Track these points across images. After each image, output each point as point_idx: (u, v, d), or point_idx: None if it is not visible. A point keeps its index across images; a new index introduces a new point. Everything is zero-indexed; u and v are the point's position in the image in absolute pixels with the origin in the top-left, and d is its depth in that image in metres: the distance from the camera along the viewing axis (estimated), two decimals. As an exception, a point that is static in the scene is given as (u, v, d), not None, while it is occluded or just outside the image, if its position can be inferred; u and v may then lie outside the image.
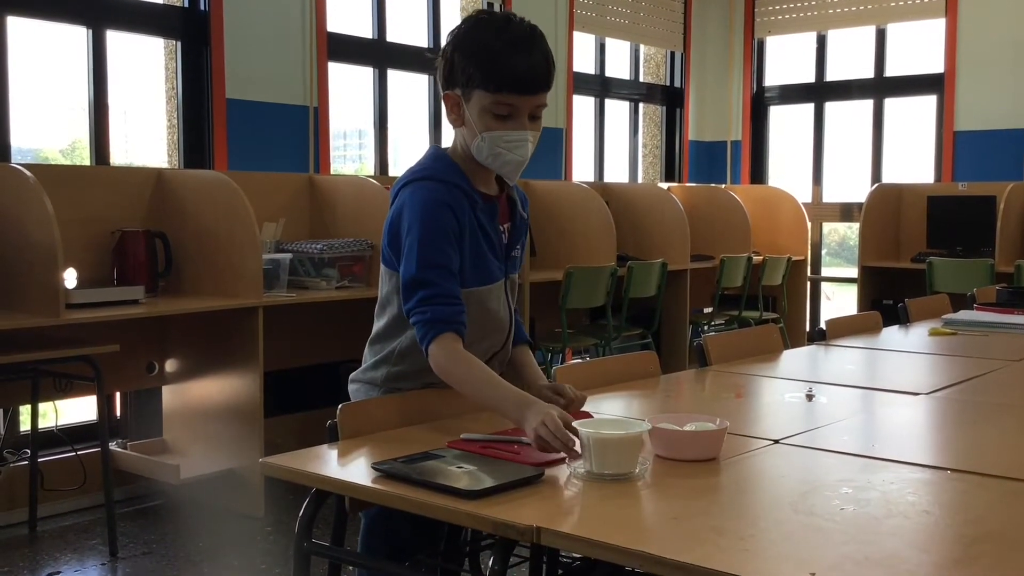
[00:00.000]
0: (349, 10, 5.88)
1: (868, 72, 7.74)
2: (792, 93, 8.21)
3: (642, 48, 8.10)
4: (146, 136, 5.32)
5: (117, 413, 4.67)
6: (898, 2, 7.46)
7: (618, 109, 7.95)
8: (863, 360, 2.95)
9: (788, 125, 8.32)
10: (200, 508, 4.14)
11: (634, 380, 2.41)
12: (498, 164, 1.93)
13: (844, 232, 8.94)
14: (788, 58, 8.29)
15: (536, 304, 5.41)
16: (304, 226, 4.88)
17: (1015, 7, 6.95)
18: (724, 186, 7.69)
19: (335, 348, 4.67)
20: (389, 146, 6.04)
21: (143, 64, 5.17)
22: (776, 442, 1.83)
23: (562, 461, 1.63)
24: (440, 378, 1.87)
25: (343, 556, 1.85)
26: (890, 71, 7.68)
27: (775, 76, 8.31)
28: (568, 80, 6.99)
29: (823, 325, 3.22)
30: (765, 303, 6.90)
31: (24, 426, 4.24)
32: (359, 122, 6.29)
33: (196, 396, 4.34)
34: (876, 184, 7.20)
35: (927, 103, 7.47)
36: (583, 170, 7.45)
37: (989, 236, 6.35)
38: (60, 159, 5.32)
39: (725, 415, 1.80)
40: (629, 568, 1.34)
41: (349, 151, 6.87)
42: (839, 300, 8.30)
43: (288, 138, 5.36)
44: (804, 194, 7.80)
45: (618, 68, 7.94)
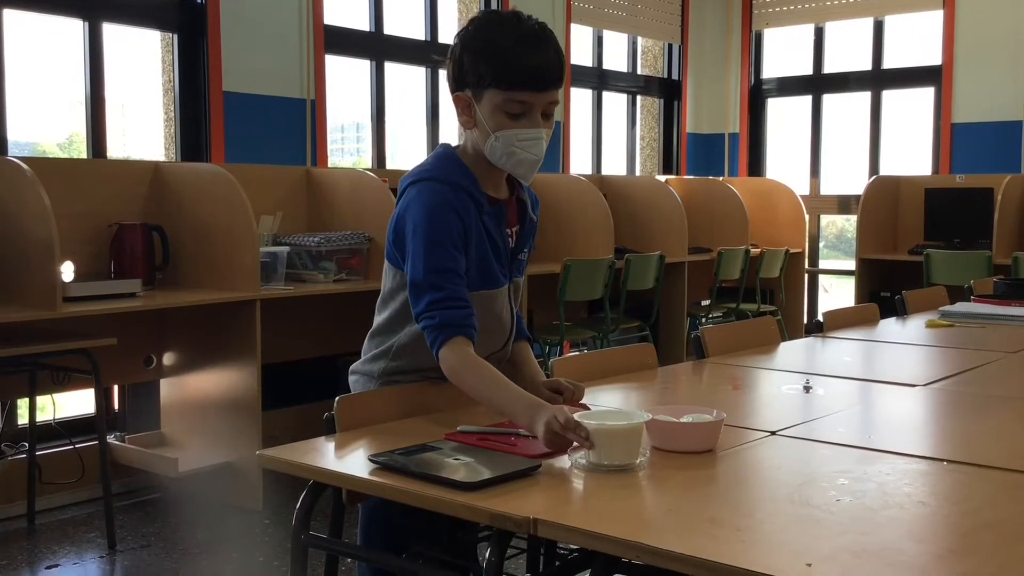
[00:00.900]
0: (346, 3, 5.88)
1: (866, 64, 7.74)
2: (790, 85, 8.21)
3: (640, 40, 8.09)
4: (143, 129, 5.31)
5: (115, 406, 4.68)
6: (896, -6, 7.47)
7: (616, 102, 7.94)
8: (860, 352, 2.95)
9: (786, 117, 8.32)
10: (198, 501, 4.15)
11: (632, 372, 2.41)
12: (512, 163, 1.91)
13: (842, 224, 8.94)
14: (786, 50, 8.29)
15: (534, 297, 5.41)
16: (301, 219, 4.88)
17: (1013, -1, 6.95)
18: (722, 179, 7.69)
19: (332, 341, 4.67)
20: (386, 139, 6.02)
21: (140, 57, 5.16)
22: (773, 434, 1.84)
23: (559, 453, 1.63)
24: (449, 379, 1.86)
25: (341, 548, 1.85)
26: (888, 63, 7.68)
27: (773, 68, 8.31)
28: (566, 72, 6.98)
29: (820, 317, 3.21)
30: (763, 295, 6.90)
31: (22, 419, 4.24)
32: (356, 115, 6.28)
33: (194, 389, 4.34)
34: (874, 176, 7.20)
35: (925, 95, 7.47)
36: (581, 163, 7.45)
37: (987, 228, 6.35)
38: (57, 153, 5.31)
39: (722, 407, 1.80)
40: (626, 559, 1.35)
41: (346, 144, 6.85)
42: (837, 292, 8.30)
43: (285, 131, 5.36)
44: (802, 186, 7.80)
45: (616, 60, 7.94)
